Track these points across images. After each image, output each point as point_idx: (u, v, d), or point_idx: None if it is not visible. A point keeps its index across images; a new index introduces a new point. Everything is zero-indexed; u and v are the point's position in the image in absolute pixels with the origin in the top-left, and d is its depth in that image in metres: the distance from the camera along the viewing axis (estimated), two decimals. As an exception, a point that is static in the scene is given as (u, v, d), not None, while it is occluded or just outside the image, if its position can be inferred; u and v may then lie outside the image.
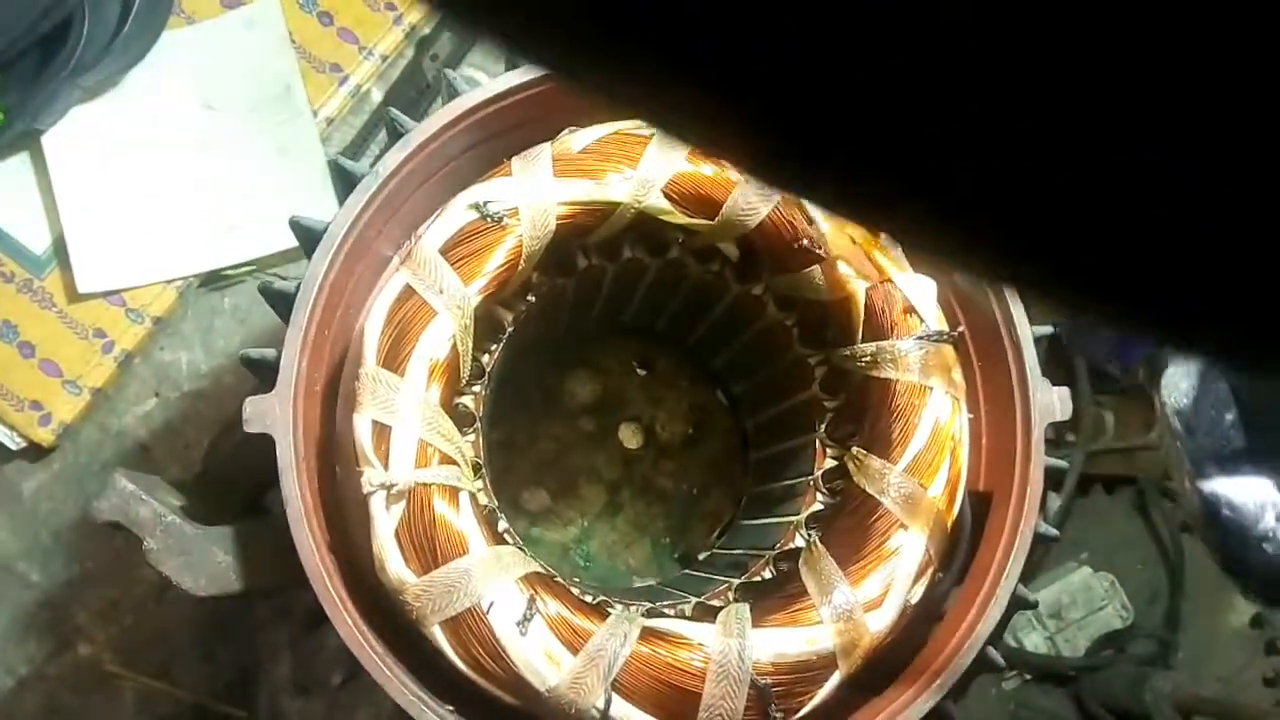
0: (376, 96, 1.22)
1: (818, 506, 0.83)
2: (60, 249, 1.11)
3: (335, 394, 0.75)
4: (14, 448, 1.11)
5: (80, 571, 1.14)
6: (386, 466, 0.67)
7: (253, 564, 0.72)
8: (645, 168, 0.73)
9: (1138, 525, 1.44)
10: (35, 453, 1.13)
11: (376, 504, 0.66)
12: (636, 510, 1.10)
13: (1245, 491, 0.47)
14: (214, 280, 1.16)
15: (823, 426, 0.85)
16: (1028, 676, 1.30)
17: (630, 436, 1.11)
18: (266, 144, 1.16)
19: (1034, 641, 1.31)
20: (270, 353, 0.70)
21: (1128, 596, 1.38)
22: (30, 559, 1.14)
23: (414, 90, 1.22)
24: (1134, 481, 1.50)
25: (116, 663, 1.13)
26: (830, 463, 0.84)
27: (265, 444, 0.71)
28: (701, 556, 1.07)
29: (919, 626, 0.75)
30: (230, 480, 1.01)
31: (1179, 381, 0.49)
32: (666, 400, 1.12)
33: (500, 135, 0.77)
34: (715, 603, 0.80)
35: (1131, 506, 1.47)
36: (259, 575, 0.72)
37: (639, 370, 1.13)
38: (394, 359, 0.69)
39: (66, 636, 1.13)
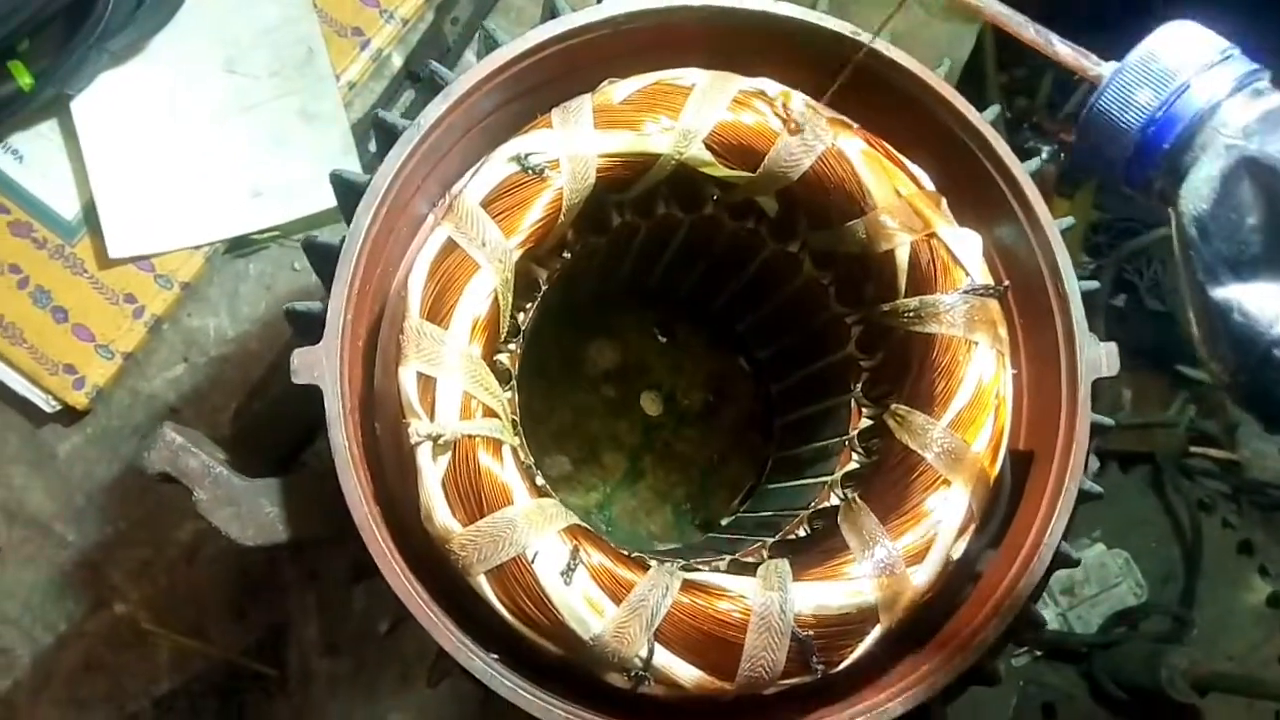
0: (397, 61, 1.22)
1: (853, 465, 0.83)
2: (90, 215, 1.12)
3: (374, 350, 0.76)
4: (49, 410, 1.12)
5: (114, 532, 1.15)
6: (432, 418, 0.67)
7: (298, 515, 0.72)
8: (687, 118, 0.73)
9: (1153, 503, 1.44)
10: (69, 416, 1.14)
11: (423, 455, 0.66)
12: (658, 477, 1.10)
13: (1259, 298, 0.47)
14: (240, 246, 1.16)
15: (858, 386, 0.85)
16: (1039, 653, 1.31)
17: (651, 404, 1.12)
18: (289, 108, 1.16)
19: (1046, 618, 1.31)
20: (316, 305, 0.70)
21: (1142, 574, 1.38)
22: (66, 520, 1.15)
23: (435, 53, 1.21)
24: (1150, 459, 1.50)
25: (151, 621, 1.14)
26: (866, 422, 0.84)
27: (298, 405, 0.71)
28: (725, 521, 1.07)
29: (956, 585, 0.76)
30: (260, 442, 1.02)
31: (1200, 187, 0.49)
32: (687, 368, 1.12)
33: (534, 90, 0.77)
34: (750, 560, 0.81)
35: (1147, 484, 1.48)
36: (304, 526, 0.72)
37: (660, 337, 1.13)
38: (437, 312, 0.69)
39: (103, 595, 1.14)
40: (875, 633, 0.69)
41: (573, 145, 0.72)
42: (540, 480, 0.76)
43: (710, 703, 0.69)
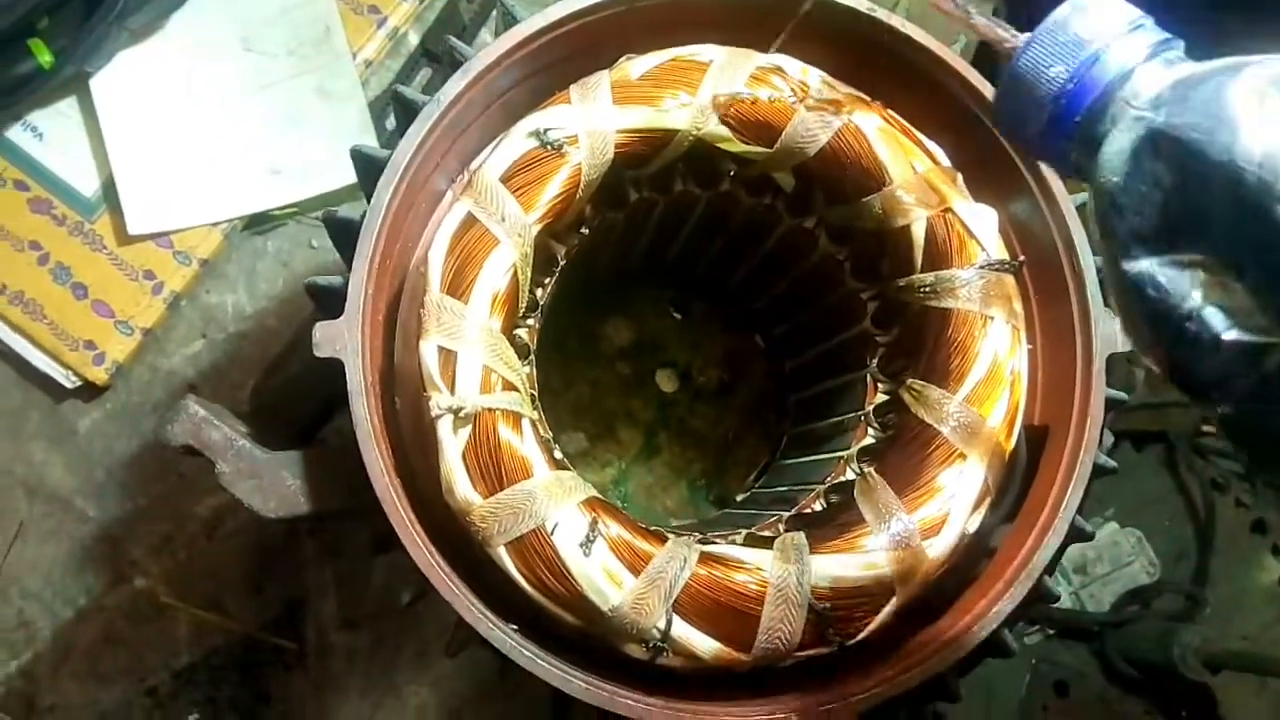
0: (414, 39, 1.22)
1: (869, 440, 0.84)
2: (110, 192, 1.12)
3: (394, 325, 0.76)
4: (69, 386, 1.13)
5: (134, 507, 1.16)
6: (452, 391, 0.68)
7: (320, 488, 0.73)
8: (704, 94, 0.73)
9: (1166, 482, 1.44)
10: (89, 392, 1.15)
11: (444, 428, 0.67)
12: (673, 453, 1.11)
13: (1171, 272, 0.46)
14: (258, 223, 1.17)
15: (874, 361, 0.86)
16: (1051, 631, 1.31)
17: (667, 381, 1.12)
18: (307, 86, 1.16)
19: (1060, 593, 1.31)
20: (337, 280, 0.70)
21: (1155, 553, 1.38)
22: (86, 495, 1.16)
23: (451, 32, 1.22)
24: (1163, 438, 1.50)
25: (170, 595, 1.15)
26: (881, 397, 0.85)
27: (316, 380, 0.72)
28: (740, 497, 1.08)
29: (971, 559, 0.76)
30: (279, 417, 1.03)
31: (1111, 159, 0.48)
32: (703, 345, 1.12)
33: (553, 66, 0.77)
34: (766, 533, 0.81)
35: (1160, 463, 1.47)
36: (325, 499, 0.73)
37: (675, 315, 1.13)
38: (458, 287, 0.70)
39: (122, 570, 1.16)
40: (891, 605, 0.70)
41: (591, 121, 0.72)
42: (559, 454, 0.77)
43: (728, 674, 0.70)
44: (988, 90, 0.77)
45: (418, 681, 1.17)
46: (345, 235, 0.73)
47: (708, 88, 0.73)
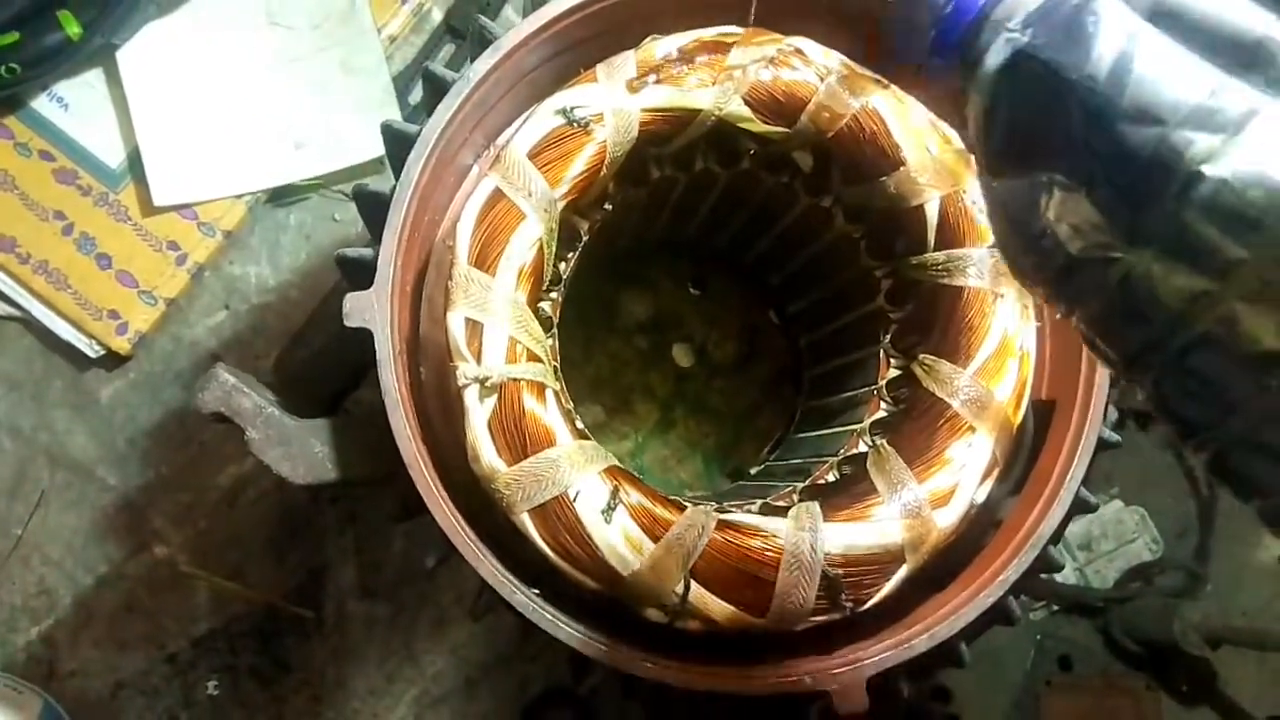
0: (437, 15, 1.24)
1: (881, 414, 0.86)
2: (135, 163, 1.14)
3: (420, 296, 0.78)
4: (93, 355, 1.15)
5: (156, 476, 1.18)
6: (479, 362, 0.70)
7: (347, 455, 0.75)
8: (727, 74, 0.74)
9: (1169, 460, 1.46)
10: (112, 361, 1.17)
11: (470, 397, 0.69)
12: (689, 427, 1.13)
13: (1029, 188, 0.48)
14: (281, 196, 1.19)
15: (887, 337, 0.88)
16: (1055, 607, 1.33)
17: (683, 355, 1.14)
18: (331, 61, 1.18)
19: (1063, 573, 1.34)
20: (367, 252, 0.72)
21: (1158, 530, 1.40)
22: (108, 463, 1.18)
23: (474, 9, 1.23)
24: (1168, 416, 1.51)
25: (191, 564, 1.17)
26: (894, 372, 0.86)
27: (342, 351, 0.73)
28: (754, 470, 1.10)
29: (979, 530, 0.78)
30: (304, 388, 1.05)
31: (982, 81, 0.49)
32: (720, 320, 1.14)
33: (579, 45, 0.79)
34: (781, 504, 0.83)
35: (1164, 441, 1.49)
36: (353, 466, 0.75)
37: (693, 290, 1.15)
38: (485, 259, 0.71)
39: (143, 538, 1.18)
40: (901, 572, 0.72)
41: (616, 100, 0.74)
42: (580, 424, 0.79)
43: (742, 637, 0.72)
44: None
45: (435, 650, 1.20)
46: (375, 208, 0.74)
47: (730, 68, 0.74)
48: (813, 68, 0.76)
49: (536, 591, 0.72)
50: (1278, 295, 0.40)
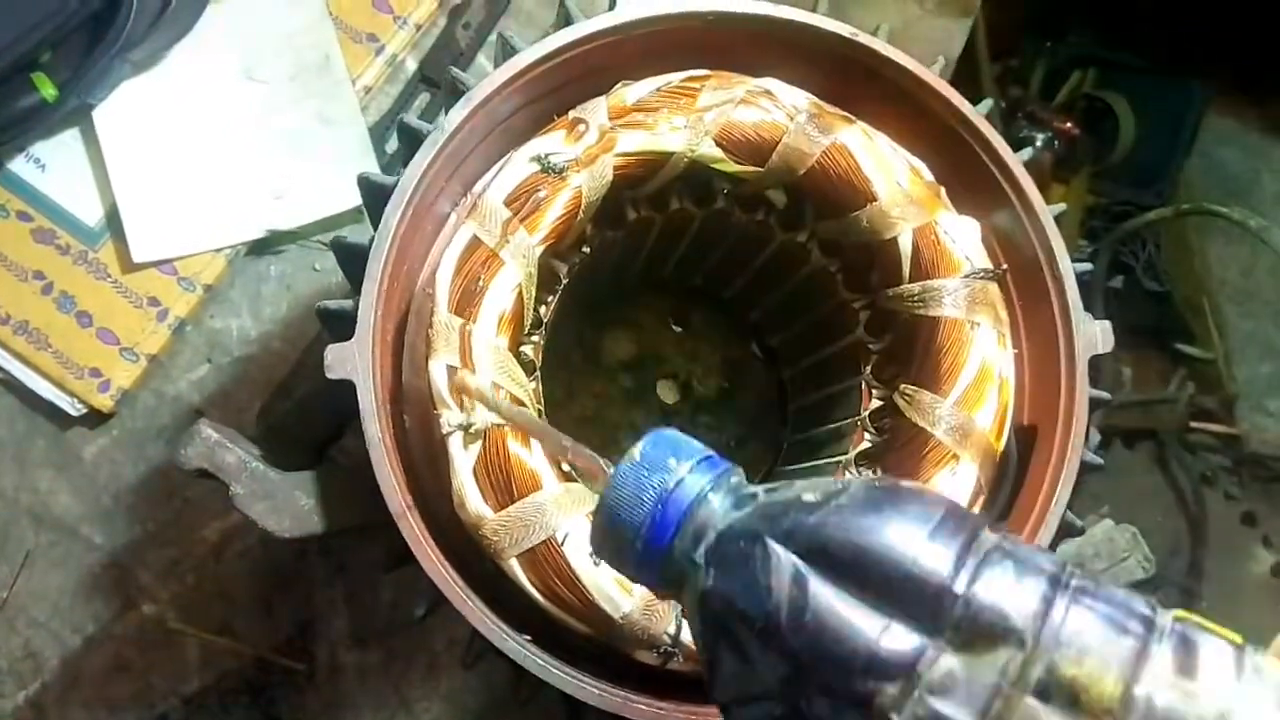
0: (411, 65, 1.25)
1: (865, 445, 0.86)
2: (113, 220, 1.14)
3: (402, 345, 0.78)
4: (75, 414, 1.14)
5: (141, 533, 1.17)
6: (462, 409, 0.70)
7: (333, 507, 0.75)
8: (697, 117, 0.75)
9: (1157, 478, 1.47)
10: (95, 419, 1.16)
11: (454, 444, 0.69)
12: (675, 463, 1.13)
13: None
14: (261, 248, 1.19)
15: (867, 369, 0.89)
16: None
17: (668, 392, 1.15)
18: (308, 113, 1.18)
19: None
20: (347, 304, 0.73)
21: (1150, 548, 1.41)
22: (93, 522, 1.17)
23: (448, 58, 1.24)
24: (1153, 435, 1.53)
25: (179, 620, 1.16)
26: (876, 403, 0.87)
27: (325, 402, 0.74)
28: (741, 506, 1.10)
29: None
30: (288, 439, 1.05)
31: (694, 619, 0.48)
32: (702, 355, 1.15)
33: (551, 93, 0.80)
34: (768, 539, 0.83)
35: (1151, 460, 1.51)
36: (339, 517, 0.75)
37: (675, 327, 1.16)
38: (465, 306, 0.72)
39: (130, 596, 1.17)
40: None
41: (590, 145, 0.75)
42: (566, 466, 0.79)
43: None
44: (967, 109, 0.81)
45: (429, 697, 1.19)
46: (353, 259, 0.75)
47: (701, 110, 0.76)
48: (782, 108, 0.77)
49: (528, 637, 0.72)
50: None
